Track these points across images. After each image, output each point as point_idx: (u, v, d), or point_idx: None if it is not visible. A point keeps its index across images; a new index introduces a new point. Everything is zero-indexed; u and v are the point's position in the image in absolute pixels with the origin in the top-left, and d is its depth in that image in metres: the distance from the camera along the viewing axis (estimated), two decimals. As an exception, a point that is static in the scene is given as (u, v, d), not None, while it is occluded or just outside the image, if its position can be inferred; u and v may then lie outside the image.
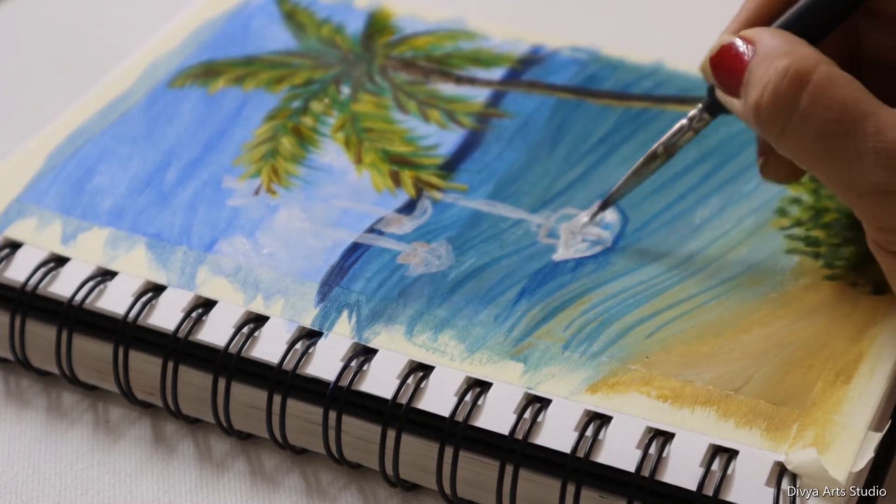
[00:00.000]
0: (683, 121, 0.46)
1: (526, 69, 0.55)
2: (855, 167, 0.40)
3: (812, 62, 0.41)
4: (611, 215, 0.49)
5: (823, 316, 0.44)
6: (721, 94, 0.43)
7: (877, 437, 0.41)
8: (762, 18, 0.44)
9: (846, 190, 0.40)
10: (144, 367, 0.46)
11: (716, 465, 0.41)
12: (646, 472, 0.41)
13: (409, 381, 0.43)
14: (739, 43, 0.42)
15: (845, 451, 0.41)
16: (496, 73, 0.55)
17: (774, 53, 0.41)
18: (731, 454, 0.41)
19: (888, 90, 0.41)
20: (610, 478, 0.41)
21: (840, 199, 0.41)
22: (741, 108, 0.42)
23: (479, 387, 0.43)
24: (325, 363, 0.44)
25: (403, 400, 0.43)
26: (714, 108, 0.46)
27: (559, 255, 0.47)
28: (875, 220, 0.40)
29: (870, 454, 0.40)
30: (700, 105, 0.46)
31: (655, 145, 0.47)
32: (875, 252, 0.42)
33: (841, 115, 0.40)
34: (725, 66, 0.43)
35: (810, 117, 0.40)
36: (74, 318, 0.46)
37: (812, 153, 0.41)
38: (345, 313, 0.45)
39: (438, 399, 0.43)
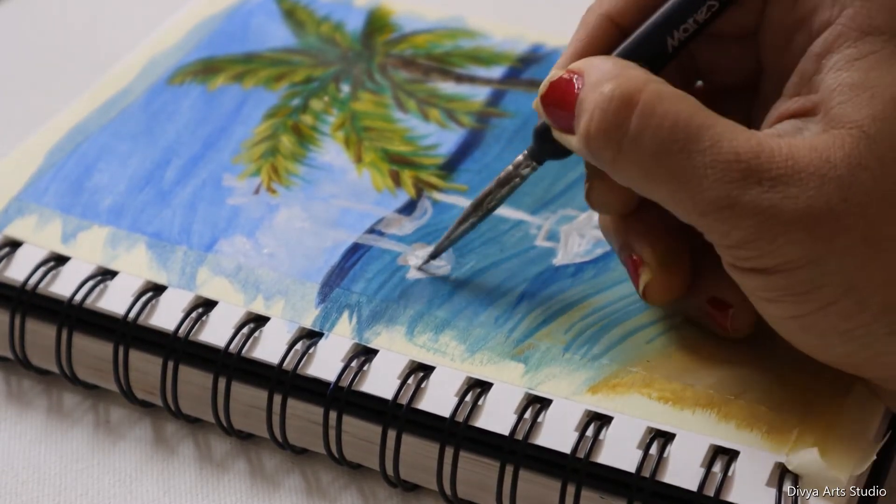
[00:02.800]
0: (510, 168, 0.45)
1: (526, 68, 0.55)
2: (694, 184, 0.38)
3: (639, 82, 0.39)
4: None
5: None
6: (558, 134, 0.42)
7: (876, 447, 0.41)
8: (594, 51, 0.42)
9: (689, 210, 0.39)
10: (145, 367, 0.46)
11: (717, 466, 0.41)
12: (646, 473, 0.41)
13: (410, 381, 0.43)
14: (567, 76, 0.41)
15: (846, 452, 0.41)
16: (496, 72, 0.55)
17: (602, 79, 0.40)
18: (732, 455, 0.41)
19: (728, 114, 0.40)
20: (610, 478, 0.41)
21: (683, 220, 0.39)
22: (576, 143, 0.41)
23: (479, 387, 0.43)
24: (325, 363, 0.44)
25: (404, 400, 0.43)
26: (540, 155, 0.44)
27: (559, 259, 0.47)
28: (721, 237, 0.39)
29: (870, 459, 0.40)
30: (525, 152, 0.45)
31: (481, 194, 0.46)
32: (731, 273, 0.40)
33: (673, 133, 0.38)
34: (556, 102, 0.41)
35: (642, 138, 0.39)
36: (75, 317, 0.46)
37: (648, 176, 0.39)
38: (345, 314, 0.45)
39: (439, 399, 0.43)
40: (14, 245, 0.48)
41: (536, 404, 0.43)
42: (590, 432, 0.42)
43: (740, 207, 0.38)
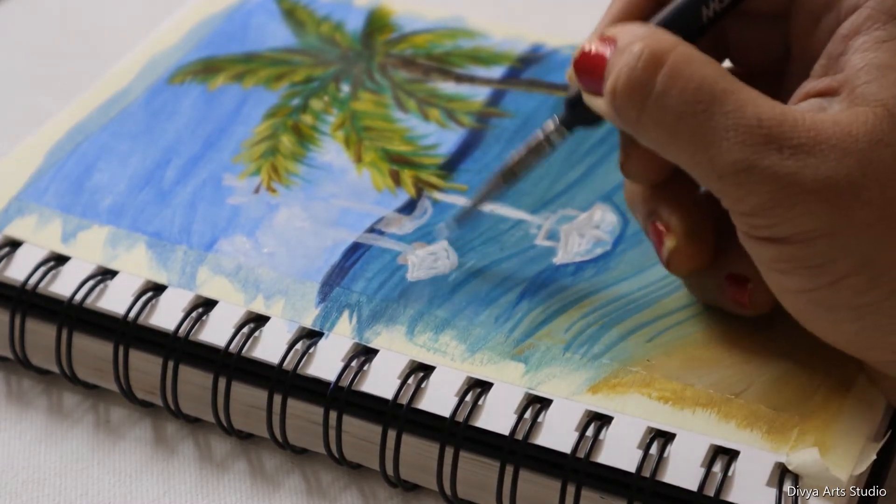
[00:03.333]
0: (539, 134, 0.45)
1: (526, 68, 0.55)
2: (714, 147, 0.38)
3: (669, 44, 0.39)
4: (610, 217, 0.49)
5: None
6: (587, 97, 0.42)
7: (876, 447, 0.41)
8: (629, 18, 0.43)
9: (707, 172, 0.39)
10: (145, 367, 0.46)
11: (717, 466, 0.41)
12: (646, 473, 0.41)
13: (410, 381, 0.43)
14: (600, 42, 0.41)
15: (846, 452, 0.41)
16: (496, 72, 0.55)
17: (632, 40, 0.40)
18: (732, 455, 0.41)
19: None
20: (610, 478, 0.41)
21: (702, 184, 0.40)
22: (603, 104, 0.41)
23: (479, 387, 0.43)
24: (325, 363, 0.44)
25: (404, 400, 0.43)
26: (570, 121, 0.44)
27: (559, 258, 0.47)
28: (737, 202, 0.39)
29: (870, 459, 0.40)
30: (555, 117, 0.45)
31: (511, 161, 0.45)
32: (745, 243, 0.40)
33: (698, 95, 0.39)
34: (588, 68, 0.41)
35: (667, 98, 0.39)
36: (75, 317, 0.46)
37: (671, 136, 0.39)
38: (345, 313, 0.45)
39: (439, 399, 0.43)
40: (14, 245, 0.48)
41: (536, 404, 0.43)
42: (590, 432, 0.42)
43: (759, 172, 0.38)
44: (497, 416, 0.42)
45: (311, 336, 0.45)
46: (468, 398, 0.43)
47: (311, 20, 0.58)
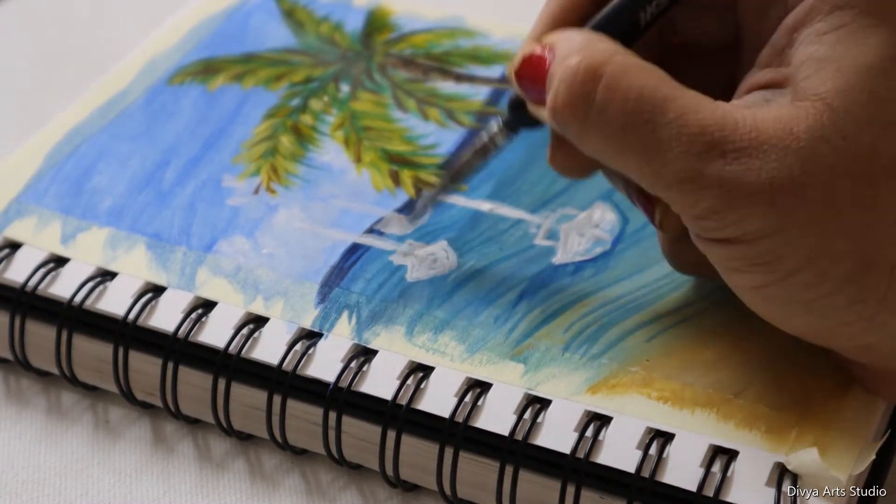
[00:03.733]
0: (485, 137, 0.45)
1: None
2: (659, 157, 0.38)
3: (605, 55, 0.39)
4: (609, 216, 0.49)
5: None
6: (532, 107, 0.42)
7: (875, 447, 0.41)
8: (567, 20, 0.43)
9: (655, 182, 0.39)
10: (144, 368, 0.46)
11: (716, 466, 0.41)
12: (646, 473, 0.41)
13: (409, 381, 0.43)
14: (539, 49, 0.41)
15: (845, 452, 0.41)
16: (496, 71, 0.55)
17: (570, 52, 0.40)
18: (732, 455, 0.41)
19: (710, 73, 0.40)
20: (610, 478, 0.41)
21: (651, 192, 0.40)
22: (546, 116, 0.41)
23: (479, 387, 0.43)
24: (325, 364, 0.44)
25: (403, 401, 0.43)
26: (514, 124, 0.44)
27: (559, 258, 0.47)
28: (686, 208, 0.39)
29: (869, 458, 0.40)
30: (500, 121, 0.44)
31: (458, 164, 0.46)
32: (698, 244, 0.40)
33: (639, 106, 0.38)
34: (529, 77, 0.41)
35: (607, 111, 0.39)
36: (74, 318, 0.46)
37: (615, 149, 0.39)
38: (345, 314, 0.45)
39: (438, 400, 0.43)
40: (14, 246, 0.48)
41: (536, 404, 0.43)
42: (589, 432, 0.42)
43: (704, 179, 0.38)
44: (496, 417, 0.42)
45: (310, 337, 0.45)
46: (467, 398, 0.43)
47: (311, 20, 0.58)
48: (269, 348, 0.45)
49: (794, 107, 0.39)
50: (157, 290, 0.46)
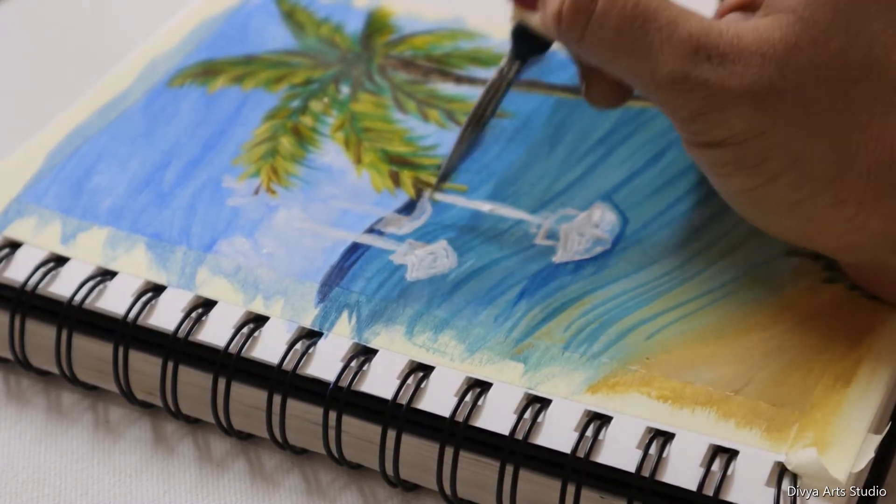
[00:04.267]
0: (494, 75, 0.49)
1: (525, 69, 0.55)
2: (651, 58, 0.42)
3: None
4: (609, 216, 0.49)
5: (823, 319, 0.44)
6: (521, 13, 0.46)
7: (876, 440, 0.41)
8: None
9: (647, 82, 0.43)
10: (144, 368, 0.46)
11: (716, 466, 0.41)
12: (646, 473, 0.41)
13: (410, 381, 0.43)
14: None
15: (845, 451, 0.41)
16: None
17: None
18: (732, 454, 0.41)
19: None
20: (610, 478, 0.41)
21: (645, 94, 0.43)
22: (540, 20, 0.45)
23: (479, 387, 0.43)
24: (325, 363, 0.44)
25: (403, 400, 0.43)
26: (522, 52, 0.48)
27: (559, 256, 0.47)
28: (676, 110, 0.42)
29: (870, 455, 0.40)
30: (507, 55, 0.48)
31: (477, 106, 0.49)
32: (689, 151, 0.43)
33: (634, 13, 0.43)
34: None
35: (606, 18, 0.43)
36: (74, 318, 0.46)
37: (612, 52, 0.43)
38: (345, 314, 0.45)
39: (438, 399, 0.43)
40: (14, 246, 0.48)
41: (536, 404, 0.43)
42: (589, 432, 0.42)
43: (692, 80, 0.42)
44: (496, 416, 0.42)
45: (310, 336, 0.45)
46: (468, 398, 0.43)
47: (311, 22, 0.58)
48: (269, 348, 0.45)
49: (769, 19, 0.42)
50: (157, 290, 0.46)
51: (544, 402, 0.43)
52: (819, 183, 0.42)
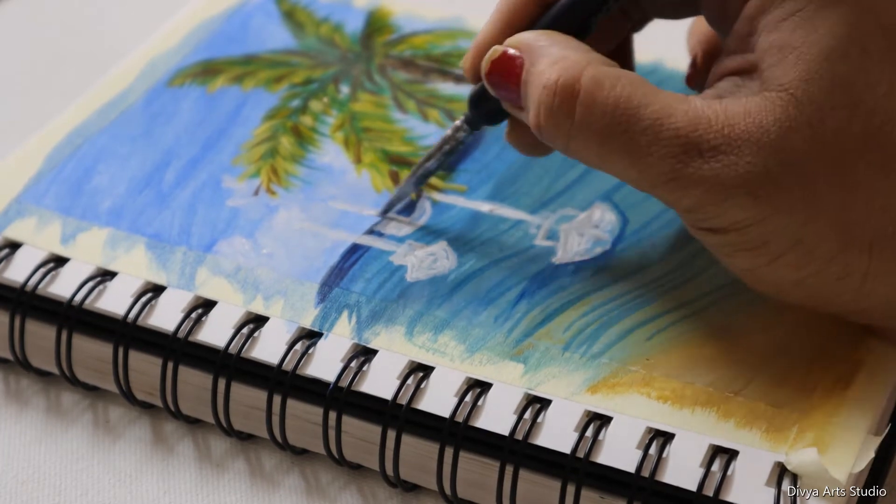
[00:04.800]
0: (448, 132, 0.47)
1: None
2: (641, 162, 0.41)
3: (578, 68, 0.41)
4: (609, 216, 0.49)
5: (823, 320, 0.44)
6: (508, 107, 0.44)
7: (876, 441, 0.41)
8: (521, 16, 0.45)
9: (641, 184, 0.41)
10: (144, 368, 0.46)
11: (716, 466, 0.41)
12: (646, 473, 0.41)
13: (409, 381, 0.43)
14: (511, 51, 0.43)
15: (845, 451, 0.41)
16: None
17: (545, 68, 0.42)
18: (732, 454, 0.41)
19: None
20: (610, 478, 0.41)
21: (640, 190, 0.42)
22: (527, 122, 0.43)
23: (479, 387, 0.43)
24: (324, 364, 0.44)
25: (403, 400, 0.43)
26: (476, 122, 0.46)
27: (558, 257, 0.47)
28: (674, 204, 0.41)
29: (869, 456, 0.40)
30: (462, 118, 0.47)
31: (422, 159, 0.48)
32: (693, 234, 0.42)
33: (615, 118, 0.41)
34: (501, 81, 0.43)
35: (588, 125, 0.41)
36: (74, 318, 0.46)
37: (600, 158, 0.41)
38: (345, 314, 0.45)
39: (438, 400, 0.43)
40: (14, 246, 0.48)
41: (536, 404, 0.43)
42: (589, 432, 0.42)
43: (685, 179, 0.40)
44: (496, 417, 0.42)
45: (310, 336, 0.45)
46: (468, 398, 0.43)
47: (311, 21, 0.58)
48: (268, 348, 0.45)
49: (761, 98, 0.40)
50: (156, 290, 0.46)
51: (544, 403, 0.43)
52: (821, 262, 0.40)
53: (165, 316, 0.46)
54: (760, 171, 0.40)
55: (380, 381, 0.44)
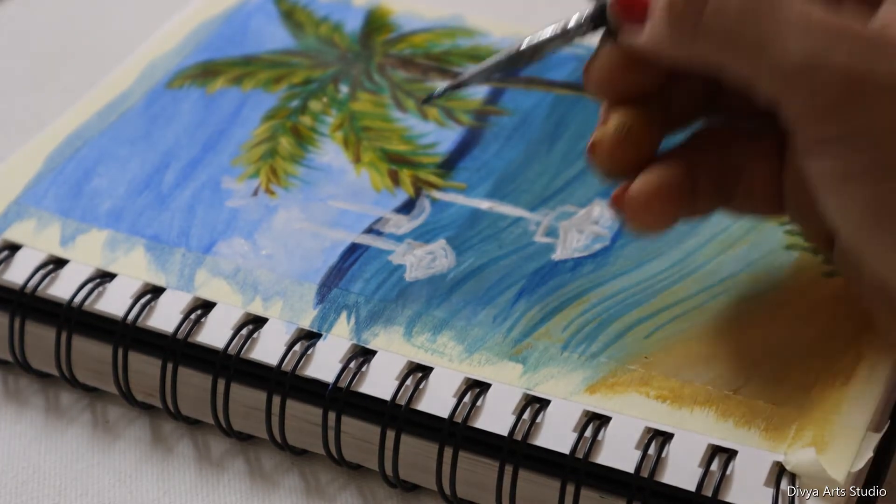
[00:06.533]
0: (564, 24, 0.42)
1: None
2: (779, 44, 0.37)
3: None
4: (609, 213, 0.49)
5: (822, 316, 0.44)
6: (625, 33, 0.40)
7: (875, 438, 0.41)
8: None
9: (771, 74, 0.37)
10: (144, 369, 0.46)
11: (715, 466, 0.41)
12: (645, 473, 0.41)
13: (408, 381, 0.43)
14: None
15: (844, 450, 0.41)
16: (495, 71, 0.55)
17: None
18: (730, 454, 0.41)
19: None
20: (609, 478, 0.41)
21: (762, 90, 0.38)
22: (648, 31, 0.39)
23: (478, 387, 0.43)
24: (324, 364, 0.44)
25: (402, 401, 0.43)
26: (599, 20, 0.41)
27: (558, 254, 0.47)
28: (805, 101, 0.37)
29: (869, 454, 0.40)
30: (585, 14, 0.42)
31: (523, 45, 0.43)
32: (807, 161, 0.38)
33: None
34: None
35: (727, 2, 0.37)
36: (74, 319, 0.46)
37: (731, 41, 0.37)
38: (343, 314, 0.45)
39: (437, 400, 0.43)
40: (13, 248, 0.48)
41: (535, 404, 0.43)
42: (588, 432, 0.42)
43: (829, 68, 0.36)
44: (495, 417, 0.42)
45: (309, 337, 0.45)
46: (466, 399, 0.43)
47: (310, 21, 0.58)
48: (268, 349, 0.45)
49: None
50: (156, 291, 0.46)
51: (543, 403, 0.43)
52: None
53: (165, 317, 0.46)
54: None
55: (379, 382, 0.44)
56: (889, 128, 0.36)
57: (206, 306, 0.46)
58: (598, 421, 0.42)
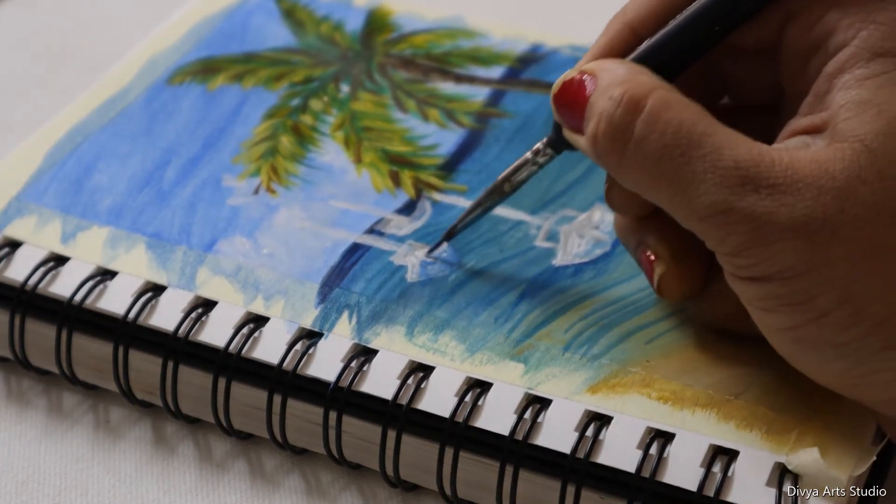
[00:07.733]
0: (528, 154, 0.45)
1: (525, 68, 0.55)
2: (693, 189, 0.39)
3: (647, 88, 0.40)
4: (609, 218, 0.49)
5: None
6: (568, 133, 0.43)
7: (875, 450, 0.41)
8: (614, 54, 0.43)
9: (688, 214, 0.39)
10: (144, 367, 0.46)
11: (716, 466, 0.41)
12: (646, 473, 0.41)
13: (410, 381, 0.43)
14: (579, 77, 0.42)
15: (846, 452, 0.41)
16: (495, 72, 0.55)
17: (612, 84, 0.40)
18: (732, 455, 0.41)
19: (751, 132, 0.40)
20: (610, 478, 0.41)
21: (685, 225, 0.40)
22: (584, 144, 0.41)
23: (479, 387, 0.43)
24: (325, 364, 0.44)
25: (404, 400, 0.43)
26: (558, 144, 0.44)
27: (559, 260, 0.47)
28: (718, 243, 0.39)
29: (870, 459, 0.40)
30: (545, 139, 0.45)
31: (499, 179, 0.46)
32: (731, 284, 0.40)
33: (676, 139, 0.39)
34: (567, 103, 0.42)
35: (645, 144, 0.39)
36: (74, 317, 0.46)
37: (651, 179, 0.40)
38: (345, 314, 0.45)
39: (439, 400, 0.43)
40: (14, 245, 0.48)
41: (536, 404, 0.43)
42: (589, 432, 0.42)
43: (736, 213, 0.38)
44: (497, 417, 0.42)
45: (310, 336, 0.45)
46: (468, 398, 0.43)
47: (311, 20, 0.58)
48: (269, 348, 0.45)
49: (831, 148, 0.39)
50: (157, 290, 0.46)
51: (544, 403, 0.43)
52: (869, 325, 0.38)
53: (166, 315, 0.46)
54: (819, 215, 0.38)
55: (380, 381, 0.44)
56: (793, 266, 0.38)
57: (207, 305, 0.46)
58: (599, 421, 0.42)
